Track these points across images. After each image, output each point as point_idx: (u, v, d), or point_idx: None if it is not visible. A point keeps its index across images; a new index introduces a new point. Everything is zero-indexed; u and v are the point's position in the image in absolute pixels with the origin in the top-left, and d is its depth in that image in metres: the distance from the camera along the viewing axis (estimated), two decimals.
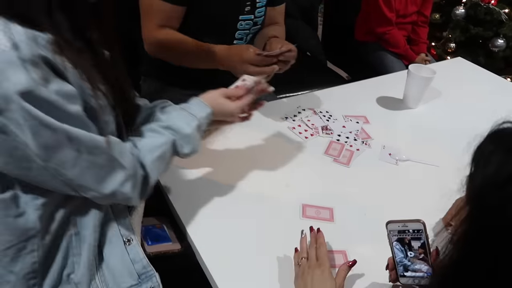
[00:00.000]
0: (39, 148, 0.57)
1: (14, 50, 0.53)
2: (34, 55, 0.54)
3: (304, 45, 1.94)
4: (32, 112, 0.54)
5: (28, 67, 0.53)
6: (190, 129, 0.75)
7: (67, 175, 0.60)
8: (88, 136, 0.61)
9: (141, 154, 0.70)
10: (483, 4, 2.12)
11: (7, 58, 0.53)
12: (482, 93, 1.44)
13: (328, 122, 1.18)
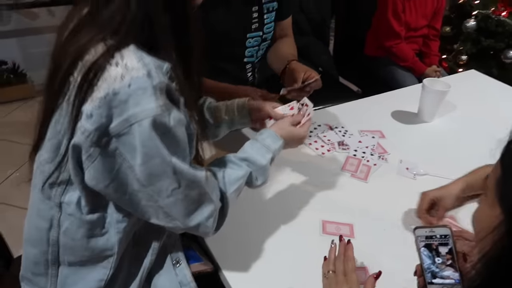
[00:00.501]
0: (143, 174, 0.58)
1: (148, 78, 0.55)
2: (162, 83, 0.57)
3: (316, 60, 1.96)
4: (152, 139, 0.56)
5: (157, 95, 0.56)
6: (265, 161, 0.77)
7: (159, 203, 0.61)
8: (191, 171, 0.62)
9: (222, 186, 0.71)
10: (494, 16, 2.13)
11: (142, 85, 0.55)
12: (497, 105, 1.44)
13: (344, 137, 1.19)
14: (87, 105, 0.56)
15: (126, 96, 0.54)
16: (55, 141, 0.63)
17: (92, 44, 0.57)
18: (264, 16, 1.22)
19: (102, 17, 0.58)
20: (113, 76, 0.54)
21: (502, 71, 2.21)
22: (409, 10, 1.86)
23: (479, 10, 2.17)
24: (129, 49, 0.57)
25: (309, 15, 1.91)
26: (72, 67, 0.58)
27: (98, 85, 0.55)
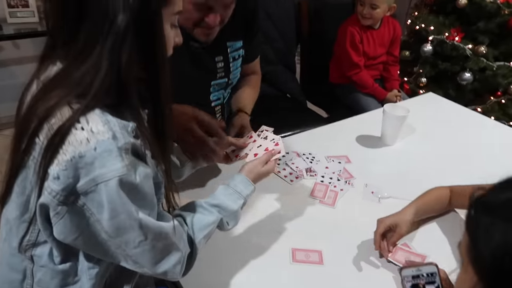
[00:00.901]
0: (110, 227, 0.59)
1: (113, 140, 0.57)
2: (127, 143, 0.58)
3: (283, 87, 2.02)
4: (119, 197, 0.57)
5: (123, 156, 0.57)
6: (237, 206, 0.79)
7: (127, 251, 0.62)
8: (157, 224, 0.63)
9: (190, 232, 0.73)
10: (449, 41, 2.26)
11: (107, 148, 0.56)
12: (454, 126, 1.52)
13: (311, 164, 1.22)
14: (54, 166, 0.57)
15: (92, 159, 0.56)
16: (24, 198, 0.64)
17: (59, 106, 0.58)
18: (230, 65, 1.22)
19: (72, 78, 0.59)
20: (79, 140, 0.56)
21: (459, 92, 2.34)
22: (366, 40, 1.96)
23: (434, 36, 2.31)
24: (95, 112, 0.58)
25: (274, 44, 1.98)
26: (38, 129, 0.59)
27: (64, 149, 0.56)
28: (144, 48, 0.61)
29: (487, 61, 2.19)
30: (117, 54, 0.58)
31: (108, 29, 0.57)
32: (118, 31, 0.57)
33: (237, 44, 1.23)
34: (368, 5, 1.87)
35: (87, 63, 0.58)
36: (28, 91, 0.66)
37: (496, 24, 2.15)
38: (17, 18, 2.38)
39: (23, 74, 2.72)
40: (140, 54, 0.60)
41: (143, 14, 0.59)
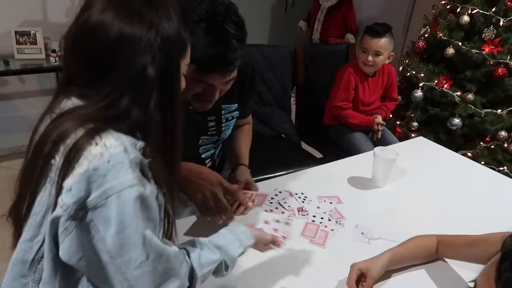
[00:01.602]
0: (114, 244, 0.61)
1: (125, 153, 0.61)
2: (137, 158, 0.63)
3: (278, 128, 2.09)
4: (129, 208, 0.60)
5: (133, 168, 0.61)
6: (237, 254, 0.81)
7: (126, 275, 0.63)
8: (160, 244, 0.65)
9: (195, 266, 0.74)
10: (438, 88, 2.36)
11: (120, 160, 0.60)
12: (443, 170, 1.57)
13: (303, 203, 1.26)
14: (68, 180, 0.60)
15: (105, 171, 0.59)
16: (38, 219, 0.66)
17: (74, 129, 0.62)
18: (222, 125, 1.24)
19: (91, 115, 0.64)
20: (93, 154, 0.60)
21: (449, 136, 2.41)
22: (362, 87, 2.05)
23: (424, 82, 2.41)
24: (108, 131, 0.63)
25: (271, 87, 2.06)
26: (54, 150, 0.63)
27: (79, 163, 0.60)
28: (165, 95, 0.67)
29: (475, 108, 2.27)
30: (144, 103, 0.64)
31: (136, 81, 0.63)
32: (146, 84, 0.64)
33: (232, 107, 1.25)
34: (372, 52, 1.94)
35: (113, 110, 0.63)
36: (41, 123, 0.70)
37: (482, 74, 2.25)
38: (24, 54, 2.48)
39: (26, 107, 2.82)
40: (162, 100, 0.66)
41: (167, 67, 0.66)
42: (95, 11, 0.64)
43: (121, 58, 0.63)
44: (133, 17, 0.63)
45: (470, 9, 2.25)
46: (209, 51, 0.92)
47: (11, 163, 2.63)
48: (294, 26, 4.22)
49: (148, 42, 0.63)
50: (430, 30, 2.47)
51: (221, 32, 0.92)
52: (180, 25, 0.68)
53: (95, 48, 0.64)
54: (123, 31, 0.63)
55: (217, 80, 1.00)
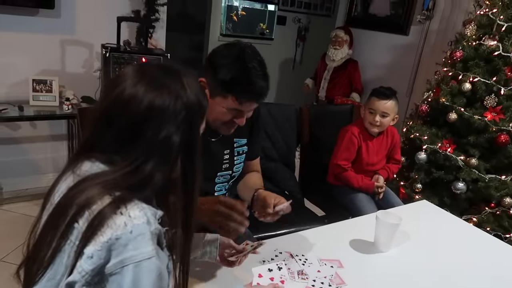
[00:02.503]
0: None
1: (148, 225, 0.64)
2: (157, 229, 0.66)
3: (282, 185, 2.09)
4: (144, 279, 0.62)
5: (153, 239, 0.65)
6: None
7: None
8: None
9: None
10: (442, 151, 2.38)
11: (142, 231, 0.63)
12: (447, 236, 1.54)
13: (303, 266, 1.23)
14: (90, 247, 0.62)
15: (126, 241, 0.62)
16: (54, 282, 0.67)
17: (100, 196, 0.65)
18: (234, 158, 1.36)
19: (117, 181, 0.67)
20: (118, 224, 0.63)
21: (453, 200, 2.39)
22: (365, 147, 2.07)
23: (428, 145, 2.43)
24: (133, 201, 0.66)
25: (276, 144, 2.09)
26: (79, 215, 0.65)
27: (102, 231, 0.62)
28: (188, 159, 0.72)
29: (479, 173, 2.28)
30: (169, 168, 0.69)
31: (162, 148, 0.68)
32: (171, 150, 0.69)
33: (242, 141, 1.38)
34: (380, 113, 1.98)
35: (137, 175, 0.67)
36: (61, 182, 0.73)
37: (485, 139, 2.28)
38: (39, 101, 2.56)
39: (34, 151, 2.87)
40: (185, 164, 0.71)
41: (190, 135, 0.72)
42: (128, 85, 0.70)
43: (149, 127, 0.68)
44: (162, 89, 0.69)
45: (472, 77, 2.32)
46: (245, 84, 1.11)
47: (13, 206, 2.62)
48: (301, 83, 4.36)
49: (175, 112, 0.69)
50: (433, 95, 2.54)
51: (254, 68, 1.12)
52: (200, 93, 0.75)
53: (128, 119, 0.69)
54: (154, 102, 0.68)
55: (249, 108, 1.18)
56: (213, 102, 1.17)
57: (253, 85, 1.11)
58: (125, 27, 2.81)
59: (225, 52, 1.14)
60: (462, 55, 2.40)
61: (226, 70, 1.11)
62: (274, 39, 4.87)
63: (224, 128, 1.23)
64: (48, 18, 2.59)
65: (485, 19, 2.36)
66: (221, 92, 1.14)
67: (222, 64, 1.12)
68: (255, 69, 1.12)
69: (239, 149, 1.38)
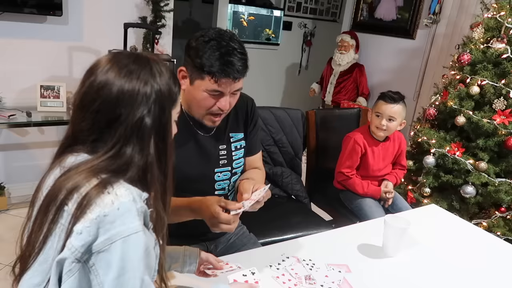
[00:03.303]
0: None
1: (133, 202, 0.68)
2: (143, 207, 0.70)
3: (289, 189, 2.08)
4: (132, 253, 0.65)
5: (140, 216, 0.68)
6: None
7: None
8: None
9: None
10: (450, 155, 2.35)
11: (128, 208, 0.67)
12: (457, 241, 1.52)
13: (311, 271, 1.22)
14: (79, 224, 0.65)
15: (114, 218, 0.65)
16: (46, 265, 0.69)
17: (88, 179, 0.68)
18: (232, 153, 1.34)
19: (101, 167, 0.70)
20: (105, 202, 0.66)
21: (463, 204, 2.36)
22: (371, 152, 2.04)
23: (436, 149, 2.41)
24: (119, 181, 0.70)
25: (282, 148, 2.09)
26: (68, 198, 0.68)
27: (91, 209, 0.65)
28: (160, 141, 0.75)
29: (489, 176, 2.24)
30: (146, 150, 0.73)
31: (137, 132, 0.72)
32: (144, 133, 0.73)
33: (239, 135, 1.37)
34: (387, 117, 1.96)
35: (119, 159, 0.71)
36: (48, 176, 0.75)
37: (494, 143, 2.24)
38: (47, 107, 2.58)
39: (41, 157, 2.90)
40: (158, 146, 0.75)
41: (161, 117, 0.75)
42: (99, 72, 0.74)
43: (121, 111, 0.72)
44: (132, 75, 0.74)
45: (480, 80, 2.30)
46: (220, 61, 1.11)
47: (21, 211, 2.64)
48: (307, 88, 4.35)
49: (145, 96, 0.73)
50: (441, 98, 2.52)
51: (228, 46, 1.12)
52: (171, 79, 0.78)
53: (101, 104, 0.72)
54: (124, 87, 0.72)
55: (228, 88, 1.15)
56: (193, 88, 1.17)
57: (227, 62, 1.11)
58: (132, 33, 2.83)
59: (200, 35, 1.15)
60: (470, 58, 2.37)
61: (201, 51, 1.11)
62: (280, 45, 4.89)
63: (209, 118, 1.22)
64: (56, 25, 2.62)
65: (493, 22, 2.34)
66: (198, 75, 1.14)
67: (198, 47, 1.13)
68: (230, 46, 1.12)
69: (236, 143, 1.36)
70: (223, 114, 1.22)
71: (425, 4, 3.46)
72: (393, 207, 2.09)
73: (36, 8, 2.46)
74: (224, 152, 1.33)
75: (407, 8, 3.61)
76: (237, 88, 1.18)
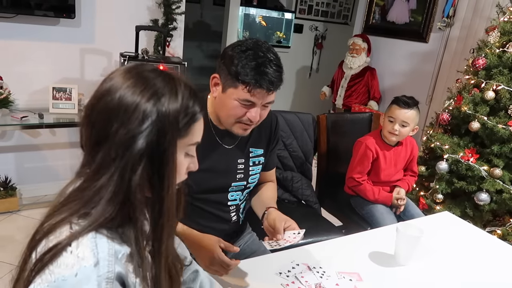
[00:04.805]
0: None
1: (95, 267, 0.59)
2: (110, 272, 0.61)
3: (299, 194, 2.06)
4: None
5: (102, 285, 0.59)
6: None
7: None
8: None
9: None
10: (464, 161, 2.31)
11: (87, 275, 0.59)
12: (470, 250, 1.48)
13: (321, 279, 1.20)
14: (35, 284, 0.59)
15: (71, 285, 0.58)
16: None
17: (60, 225, 0.62)
18: (250, 169, 1.33)
19: (82, 197, 0.63)
20: (66, 263, 0.59)
21: (476, 211, 2.31)
22: (383, 157, 2.01)
23: (449, 155, 2.36)
24: (88, 237, 0.61)
25: (292, 153, 2.07)
26: (38, 244, 0.62)
27: (51, 269, 0.59)
28: (154, 171, 0.64)
29: (504, 183, 2.20)
30: (128, 176, 0.62)
31: (123, 153, 0.62)
32: (132, 156, 0.62)
33: (258, 151, 1.35)
34: (400, 122, 1.93)
35: (97, 184, 0.62)
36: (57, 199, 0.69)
37: (510, 149, 2.20)
38: (59, 109, 2.60)
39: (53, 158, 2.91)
40: (151, 178, 0.64)
41: (158, 144, 0.63)
42: (108, 79, 0.67)
43: (114, 123, 0.62)
44: (137, 85, 0.64)
45: (495, 85, 2.25)
46: (256, 71, 1.09)
47: (32, 212, 2.66)
48: (318, 91, 4.33)
49: (143, 113, 0.63)
50: (455, 103, 2.47)
51: (264, 57, 1.11)
52: (187, 102, 0.67)
53: (98, 115, 0.64)
54: (123, 98, 0.63)
55: (260, 99, 1.13)
56: (225, 96, 1.15)
57: (262, 72, 1.09)
58: (144, 35, 2.84)
59: (238, 44, 1.13)
60: (485, 63, 2.33)
61: (237, 59, 1.10)
62: (291, 47, 4.87)
63: (240, 126, 1.19)
64: (69, 28, 2.64)
65: (509, 26, 2.30)
66: (232, 83, 1.12)
67: (234, 55, 1.11)
68: (266, 57, 1.10)
69: (254, 159, 1.35)
70: (253, 125, 1.20)
71: (439, 7, 3.42)
72: (405, 214, 2.05)
73: (49, 10, 2.49)
74: (242, 166, 1.32)
75: (420, 11, 3.56)
76: (269, 100, 1.16)
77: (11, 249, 2.25)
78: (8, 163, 2.72)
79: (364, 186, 2.01)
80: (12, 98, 2.45)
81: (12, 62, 2.54)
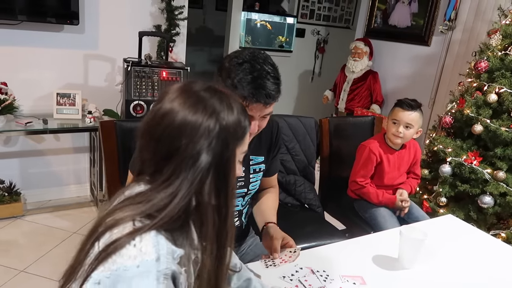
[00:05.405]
0: None
1: (156, 262, 0.63)
2: (168, 268, 0.65)
3: (302, 198, 2.06)
4: None
5: (160, 280, 0.63)
6: None
7: None
8: None
9: None
10: (467, 164, 2.30)
11: (148, 268, 0.63)
12: (475, 253, 1.48)
13: (325, 282, 1.20)
14: (98, 272, 0.62)
15: (132, 275, 0.62)
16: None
17: (125, 221, 0.66)
18: (250, 176, 1.32)
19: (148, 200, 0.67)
20: (129, 255, 0.63)
21: (480, 215, 2.30)
22: (387, 161, 2.01)
23: (452, 158, 2.36)
24: (150, 234, 0.65)
25: (295, 157, 2.07)
26: (102, 235, 0.66)
27: (114, 258, 0.62)
28: (219, 180, 0.71)
29: (507, 186, 2.19)
30: (197, 185, 0.68)
31: (192, 164, 0.68)
32: (201, 167, 0.68)
33: (259, 158, 1.34)
34: (404, 124, 1.93)
35: (167, 191, 0.67)
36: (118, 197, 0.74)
37: None
38: (63, 114, 2.62)
39: (57, 163, 2.93)
40: (217, 185, 0.70)
41: (222, 153, 0.70)
42: (166, 100, 0.72)
43: (181, 143, 0.68)
44: (198, 105, 0.70)
45: (498, 87, 2.25)
46: (252, 85, 1.08)
47: (36, 217, 2.67)
48: (320, 95, 4.34)
49: (207, 129, 0.69)
50: (457, 106, 2.47)
51: (261, 70, 1.10)
52: (241, 115, 0.75)
53: (162, 133, 0.70)
54: (187, 117, 0.69)
55: (258, 112, 1.12)
56: None
57: (259, 86, 1.08)
58: (147, 41, 2.86)
59: (234, 56, 1.12)
60: (487, 66, 2.33)
61: (234, 73, 1.08)
62: (293, 52, 4.89)
63: None
64: (73, 34, 2.66)
65: (511, 28, 2.30)
66: None
67: (231, 68, 1.10)
68: (263, 70, 1.09)
69: (255, 167, 1.34)
70: (251, 136, 1.19)
71: (441, 10, 3.43)
72: (409, 216, 2.05)
73: (53, 17, 2.51)
74: (242, 174, 1.30)
75: (422, 15, 3.58)
76: (268, 112, 1.15)
77: (15, 254, 2.26)
78: (12, 169, 2.74)
79: (367, 189, 2.01)
80: (16, 104, 2.47)
81: (16, 68, 2.57)
